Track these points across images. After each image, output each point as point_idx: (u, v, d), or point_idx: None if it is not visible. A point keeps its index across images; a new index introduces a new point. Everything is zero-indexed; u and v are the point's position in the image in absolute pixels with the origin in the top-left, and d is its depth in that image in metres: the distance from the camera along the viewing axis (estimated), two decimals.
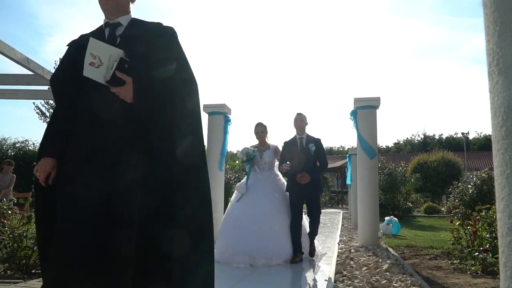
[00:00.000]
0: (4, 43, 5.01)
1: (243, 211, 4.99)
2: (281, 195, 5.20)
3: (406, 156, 35.10)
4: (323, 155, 5.24)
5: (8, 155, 22.27)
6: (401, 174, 14.63)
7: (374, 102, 6.68)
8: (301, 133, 5.23)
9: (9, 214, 4.05)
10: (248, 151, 5.27)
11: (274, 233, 4.82)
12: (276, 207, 5.02)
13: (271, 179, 5.35)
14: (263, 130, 5.50)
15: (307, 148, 5.07)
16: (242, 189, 5.22)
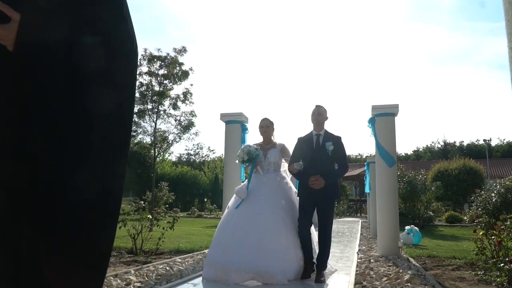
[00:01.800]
0: None
1: (242, 219, 4.27)
2: (288, 202, 4.44)
3: (426, 163, 34.51)
4: (343, 157, 4.40)
5: None
6: (421, 182, 14.39)
7: (392, 110, 6.61)
8: (319, 129, 4.44)
9: None
10: (249, 149, 4.55)
11: (279, 246, 4.06)
12: (281, 217, 4.25)
13: (277, 182, 4.56)
14: (268, 125, 4.78)
15: (323, 146, 4.30)
16: (242, 194, 4.46)
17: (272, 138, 4.82)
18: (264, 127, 4.79)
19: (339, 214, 22.82)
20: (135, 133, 20.52)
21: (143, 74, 19.42)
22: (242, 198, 4.43)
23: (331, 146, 4.27)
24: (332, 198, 4.42)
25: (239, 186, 4.63)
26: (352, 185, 31.50)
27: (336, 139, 4.38)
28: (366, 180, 12.69)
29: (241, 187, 4.57)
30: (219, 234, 4.37)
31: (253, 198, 4.38)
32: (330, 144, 4.28)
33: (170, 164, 33.84)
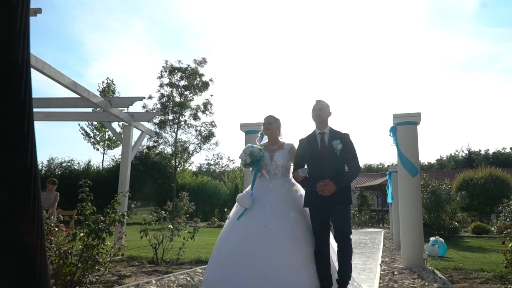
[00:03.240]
0: (54, 69, 5.30)
1: (245, 233, 3.65)
2: (299, 212, 3.80)
3: (450, 173, 33.73)
4: (353, 156, 3.75)
5: (55, 174, 23.29)
6: (446, 192, 14.05)
7: (414, 118, 6.50)
8: (322, 127, 3.82)
9: (56, 231, 4.20)
10: (252, 150, 3.90)
11: (288, 266, 3.44)
12: (290, 230, 3.61)
13: (286, 189, 3.92)
14: (271, 121, 4.11)
15: (330, 146, 3.70)
16: (246, 202, 3.81)
17: (280, 138, 4.18)
18: (267, 124, 4.12)
19: (361, 224, 22.46)
20: (156, 143, 20.79)
21: (164, 85, 19.72)
22: (246, 207, 3.81)
23: (339, 145, 3.67)
24: (346, 203, 3.72)
25: (242, 193, 3.97)
26: (374, 195, 31.02)
27: (343, 136, 3.77)
28: (388, 190, 12.48)
29: (245, 194, 3.90)
30: (217, 250, 3.77)
31: (258, 208, 3.75)
32: (337, 142, 3.68)
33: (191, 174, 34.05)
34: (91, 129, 29.17)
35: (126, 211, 5.82)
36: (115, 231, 4.71)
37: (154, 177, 25.87)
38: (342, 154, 3.68)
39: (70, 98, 7.23)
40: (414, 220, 6.25)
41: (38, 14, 4.18)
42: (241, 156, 3.98)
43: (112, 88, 28.82)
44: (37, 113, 8.49)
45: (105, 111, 7.13)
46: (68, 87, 5.75)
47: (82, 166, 25.75)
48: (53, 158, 25.49)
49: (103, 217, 4.23)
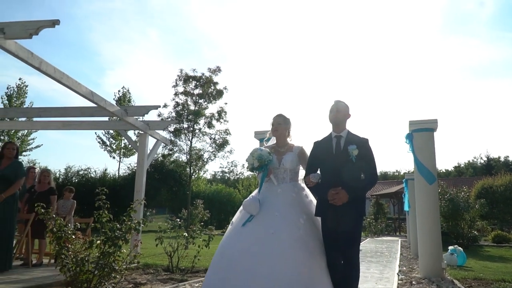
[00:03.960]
0: (72, 79, 5.41)
1: (250, 240, 3.37)
2: (309, 219, 3.52)
3: (469, 180, 33.09)
4: (370, 163, 3.44)
5: (72, 182, 23.62)
6: (464, 200, 13.79)
7: (431, 125, 6.43)
8: (339, 130, 3.54)
9: (73, 238, 4.25)
10: (261, 153, 3.65)
11: (299, 276, 3.13)
12: (300, 237, 3.33)
13: (295, 193, 3.66)
14: (280, 122, 3.83)
15: (345, 151, 3.42)
16: (253, 208, 3.54)
17: (289, 140, 3.91)
18: (275, 124, 3.84)
19: (377, 232, 22.17)
20: (171, 151, 20.95)
21: (179, 94, 19.91)
22: (254, 213, 3.54)
23: (355, 150, 3.37)
24: (358, 217, 3.41)
25: (248, 198, 3.67)
26: (390, 203, 30.62)
27: (361, 141, 3.47)
28: (405, 197, 12.32)
29: (252, 200, 3.61)
30: (219, 257, 3.49)
31: (266, 214, 3.49)
32: (353, 147, 3.39)
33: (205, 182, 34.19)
34: (107, 137, 29.59)
35: (142, 218, 5.86)
36: (131, 238, 4.74)
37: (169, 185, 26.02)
38: (359, 161, 3.37)
39: (87, 107, 7.35)
40: (432, 228, 6.15)
41: (56, 25, 4.27)
42: (248, 159, 3.72)
43: (128, 97, 29.22)
44: (55, 122, 8.65)
45: (121, 119, 7.22)
46: (85, 97, 5.85)
47: (98, 174, 26.07)
48: (70, 166, 25.85)
49: (119, 224, 4.27)
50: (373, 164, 3.46)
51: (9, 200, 5.57)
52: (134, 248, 5.03)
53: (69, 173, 25.42)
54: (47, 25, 4.21)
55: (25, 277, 5.25)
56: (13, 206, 5.67)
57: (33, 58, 4.65)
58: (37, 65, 4.72)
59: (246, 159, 3.74)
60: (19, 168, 5.81)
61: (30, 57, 4.60)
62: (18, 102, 23.54)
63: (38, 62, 4.73)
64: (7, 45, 4.23)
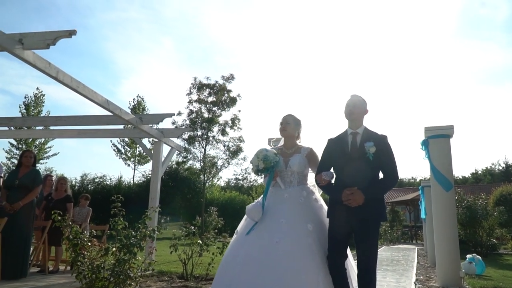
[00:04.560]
0: (88, 88, 5.50)
1: (254, 250, 3.15)
2: (318, 225, 3.26)
3: (486, 187, 32.44)
4: (389, 162, 3.17)
5: (88, 189, 23.90)
6: (482, 207, 13.52)
7: (447, 131, 6.34)
8: (355, 126, 3.29)
9: (89, 246, 4.29)
10: (266, 154, 3.41)
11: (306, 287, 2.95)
12: (308, 246, 3.09)
13: (303, 198, 3.42)
14: (289, 122, 3.64)
15: (362, 149, 3.15)
16: (256, 214, 3.33)
17: (298, 141, 3.70)
18: (284, 124, 3.62)
19: (393, 240, 21.85)
20: (185, 159, 21.08)
21: (193, 101, 20.08)
22: (255, 220, 3.32)
23: (372, 148, 3.11)
24: (376, 219, 3.12)
25: (251, 203, 3.47)
26: (406, 210, 30.20)
27: (380, 138, 3.20)
28: (421, 205, 12.14)
29: (254, 205, 3.40)
30: (221, 270, 3.31)
31: (270, 221, 3.27)
32: (371, 144, 3.12)
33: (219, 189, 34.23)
34: (122, 145, 29.91)
35: (157, 226, 5.89)
36: (146, 246, 4.78)
37: (183, 192, 26.11)
38: (376, 159, 3.11)
39: (103, 116, 7.46)
40: (449, 236, 6.04)
41: (73, 35, 4.36)
42: (253, 160, 3.47)
43: (143, 105, 29.55)
44: (71, 130, 8.80)
45: (136, 127, 7.31)
46: (101, 105, 5.93)
47: (113, 182, 26.32)
48: (86, 174, 26.17)
49: (135, 232, 4.30)
50: (393, 162, 3.18)
51: (27, 208, 5.66)
52: (149, 256, 5.07)
53: (85, 181, 25.73)
54: (64, 35, 4.31)
55: (42, 284, 5.32)
56: (31, 213, 5.76)
57: (50, 68, 4.75)
58: (54, 74, 4.82)
59: (251, 161, 3.52)
60: (36, 176, 5.91)
61: (47, 67, 4.70)
62: (35, 111, 24.02)
63: (55, 71, 4.83)
64: (25, 55, 4.33)
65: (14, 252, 5.43)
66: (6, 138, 18.05)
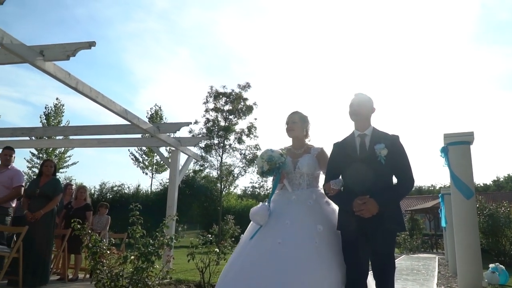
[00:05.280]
0: (107, 98, 5.60)
1: (255, 252, 2.94)
2: (329, 226, 2.98)
3: (509, 194, 31.70)
4: (404, 164, 2.86)
5: (106, 197, 24.22)
6: (505, 215, 13.17)
7: (466, 138, 6.22)
8: (362, 127, 2.99)
9: (108, 254, 4.33)
10: (272, 155, 3.15)
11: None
12: (314, 247, 2.81)
13: (312, 200, 3.13)
14: (295, 120, 3.37)
15: (372, 151, 2.86)
16: (260, 217, 3.07)
17: (307, 140, 3.43)
18: (290, 123, 3.37)
19: (413, 249, 21.45)
20: (202, 167, 21.19)
21: (209, 110, 20.23)
22: (261, 224, 3.08)
23: (383, 150, 2.80)
24: (392, 230, 2.81)
25: (257, 206, 3.21)
26: (426, 218, 29.67)
27: (391, 139, 2.90)
28: (442, 213, 11.90)
29: (260, 207, 3.14)
30: (224, 275, 3.07)
31: (275, 223, 3.02)
32: (381, 146, 2.82)
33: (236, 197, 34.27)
34: (140, 154, 30.27)
35: (174, 234, 5.92)
36: (164, 254, 4.80)
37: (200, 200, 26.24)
38: (389, 162, 2.81)
39: (121, 125, 7.57)
40: (471, 245, 5.89)
41: (92, 47, 4.45)
42: (257, 161, 3.23)
43: (160, 114, 29.90)
44: (90, 140, 8.95)
45: (154, 136, 7.39)
46: (120, 115, 6.02)
47: (132, 190, 26.64)
48: (104, 183, 26.58)
49: (152, 240, 4.33)
50: (407, 165, 2.86)
51: (48, 216, 5.75)
52: (167, 264, 5.08)
53: (104, 189, 26.10)
54: (84, 46, 4.40)
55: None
56: (51, 222, 5.86)
57: (70, 78, 4.85)
58: (74, 85, 4.92)
59: (256, 162, 3.34)
60: (56, 185, 6.01)
61: (67, 78, 4.81)
62: (55, 121, 24.55)
63: (75, 82, 4.93)
64: (46, 66, 4.44)
65: (35, 260, 5.51)
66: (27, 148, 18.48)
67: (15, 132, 8.38)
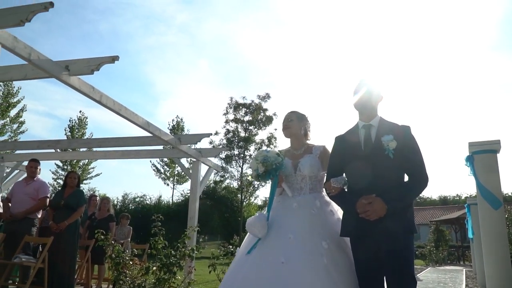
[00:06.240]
0: (129, 111, 5.70)
1: (254, 275, 2.54)
2: (335, 242, 2.60)
3: None
4: (416, 159, 2.47)
5: (129, 208, 24.52)
6: None
7: (493, 146, 6.05)
8: (367, 117, 2.60)
9: (130, 264, 4.37)
10: (267, 156, 2.81)
11: None
12: (323, 268, 2.43)
13: (316, 209, 2.75)
14: (292, 118, 3.05)
15: (378, 144, 2.47)
16: (258, 229, 2.71)
17: (307, 140, 3.10)
18: (285, 121, 3.05)
19: (439, 261, 20.88)
20: (223, 178, 21.27)
21: (229, 121, 20.36)
22: (259, 236, 2.71)
23: (391, 142, 2.41)
24: (405, 236, 2.38)
25: (253, 216, 2.83)
26: (452, 229, 28.89)
27: (400, 130, 2.50)
28: (468, 224, 11.58)
29: (257, 218, 2.77)
30: None
31: (276, 237, 2.64)
32: (389, 138, 2.43)
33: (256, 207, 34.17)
34: (162, 165, 30.61)
35: (196, 245, 5.93)
36: (185, 265, 4.80)
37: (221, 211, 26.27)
38: (399, 157, 2.42)
39: (143, 137, 7.68)
40: (500, 257, 5.69)
41: (116, 61, 4.56)
42: (251, 164, 2.90)
43: (181, 125, 30.25)
44: (114, 152, 9.11)
45: (175, 148, 7.47)
46: (142, 127, 6.12)
47: (153, 201, 26.89)
48: (127, 194, 26.91)
49: (174, 251, 4.35)
50: (420, 160, 2.47)
51: (72, 227, 5.85)
52: (188, 275, 5.09)
53: (126, 200, 26.43)
54: (107, 61, 4.51)
55: None
56: (76, 233, 5.95)
57: (94, 92, 4.97)
58: (98, 98, 5.03)
59: (250, 164, 2.99)
60: (80, 196, 6.12)
61: (91, 91, 4.92)
62: (79, 133, 25.10)
63: (98, 95, 5.04)
64: (71, 81, 4.56)
65: (60, 270, 5.60)
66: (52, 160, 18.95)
67: (42, 144, 8.61)
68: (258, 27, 68.51)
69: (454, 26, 74.86)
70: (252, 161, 2.91)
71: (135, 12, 56.56)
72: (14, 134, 21.22)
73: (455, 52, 79.18)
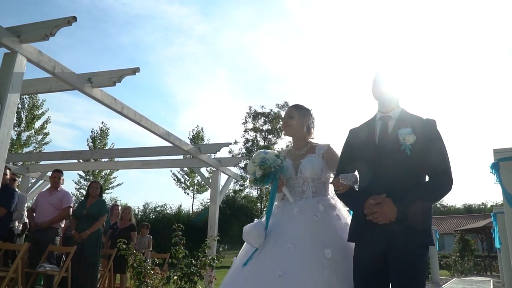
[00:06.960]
0: (150, 121, 5.78)
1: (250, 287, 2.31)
2: (340, 251, 2.31)
3: None
4: (439, 157, 2.11)
5: (150, 218, 24.74)
6: None
7: None
8: (387, 108, 2.29)
9: (151, 274, 4.39)
10: (265, 157, 2.55)
11: None
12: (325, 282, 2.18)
13: (319, 213, 2.47)
14: (293, 114, 2.75)
15: (394, 137, 2.15)
16: (254, 238, 2.47)
17: (310, 138, 2.80)
18: (286, 118, 2.74)
19: (464, 272, 20.29)
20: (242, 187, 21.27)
21: (248, 130, 20.42)
22: (255, 246, 2.47)
23: (409, 136, 2.08)
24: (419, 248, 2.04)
25: (250, 224, 2.56)
26: (478, 239, 28.09)
27: (423, 123, 2.16)
28: (495, 233, 11.24)
29: (254, 226, 2.51)
30: None
31: (274, 247, 2.40)
32: (407, 131, 2.10)
33: None
34: (182, 174, 30.85)
35: (216, 255, 5.93)
36: (206, 274, 4.80)
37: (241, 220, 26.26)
38: (418, 153, 2.08)
39: (164, 147, 7.76)
40: None
41: (137, 73, 4.63)
42: (248, 167, 2.63)
43: (201, 135, 30.50)
44: (135, 162, 9.22)
45: (195, 157, 7.52)
46: (162, 137, 6.19)
47: (173, 210, 27.08)
48: (148, 203, 27.23)
49: (195, 260, 4.35)
50: (443, 158, 2.10)
51: (94, 236, 5.93)
52: (209, 284, 5.08)
53: (147, 210, 26.72)
54: (129, 73, 4.59)
55: None
56: (98, 242, 6.03)
57: (116, 103, 5.06)
58: (120, 109, 5.12)
59: (247, 167, 2.65)
60: (102, 206, 6.21)
61: (113, 103, 5.01)
62: (101, 144, 25.57)
63: (120, 107, 5.13)
64: (93, 92, 4.66)
65: (83, 279, 5.67)
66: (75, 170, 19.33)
67: (65, 155, 8.79)
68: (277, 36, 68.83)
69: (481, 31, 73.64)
70: (249, 164, 2.61)
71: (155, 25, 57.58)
72: (38, 145, 21.78)
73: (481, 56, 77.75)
